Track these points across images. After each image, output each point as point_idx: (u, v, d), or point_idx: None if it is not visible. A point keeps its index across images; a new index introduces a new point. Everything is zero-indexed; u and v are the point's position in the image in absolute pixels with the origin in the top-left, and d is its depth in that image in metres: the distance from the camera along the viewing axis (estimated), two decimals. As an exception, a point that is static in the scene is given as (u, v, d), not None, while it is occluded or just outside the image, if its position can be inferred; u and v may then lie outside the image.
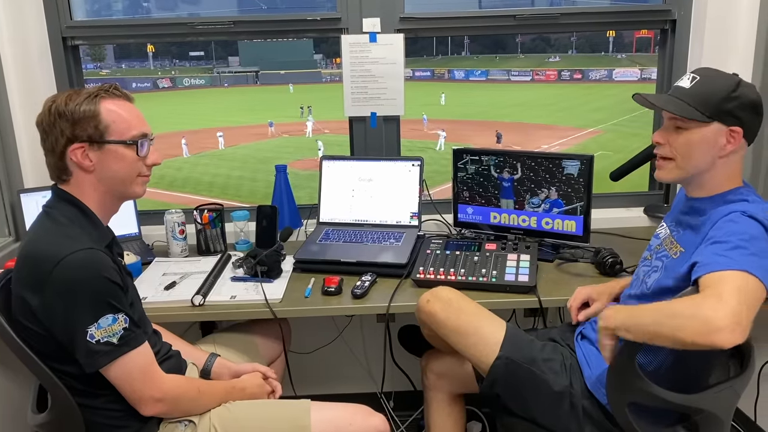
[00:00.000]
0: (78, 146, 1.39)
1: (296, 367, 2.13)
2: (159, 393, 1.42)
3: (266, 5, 2.62)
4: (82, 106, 1.38)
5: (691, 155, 1.44)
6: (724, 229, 1.34)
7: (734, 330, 1.15)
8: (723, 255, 1.27)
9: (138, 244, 2.33)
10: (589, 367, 1.60)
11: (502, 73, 28.86)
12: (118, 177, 1.45)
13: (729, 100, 1.39)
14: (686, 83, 1.45)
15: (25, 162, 2.27)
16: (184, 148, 17.05)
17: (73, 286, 1.31)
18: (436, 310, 1.72)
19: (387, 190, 2.27)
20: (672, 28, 2.44)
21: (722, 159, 1.43)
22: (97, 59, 28.80)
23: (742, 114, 1.39)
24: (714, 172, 1.45)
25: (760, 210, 1.37)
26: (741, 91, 1.39)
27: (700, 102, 1.41)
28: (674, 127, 1.45)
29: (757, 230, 1.32)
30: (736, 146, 1.41)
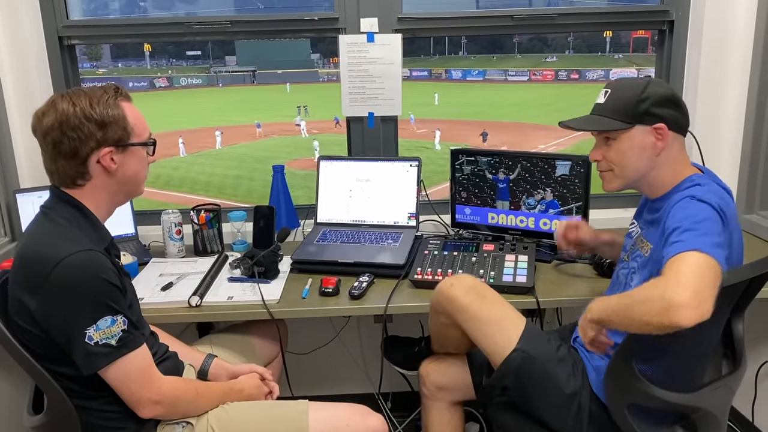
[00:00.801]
0: (107, 150, 1.39)
1: (293, 368, 2.12)
2: (157, 395, 1.42)
3: (263, 5, 2.61)
4: (111, 109, 1.38)
5: (626, 162, 1.50)
6: (675, 215, 1.37)
7: (696, 306, 1.17)
8: (676, 241, 1.29)
9: (134, 245, 2.32)
10: (593, 367, 1.60)
11: (500, 73, 28.84)
12: (134, 177, 1.47)
13: (641, 102, 1.46)
14: (601, 99, 1.53)
15: (21, 162, 2.26)
16: (181, 148, 17.01)
17: (71, 287, 1.30)
18: (459, 294, 1.66)
19: (385, 190, 2.27)
20: (670, 28, 2.44)
21: (660, 157, 1.48)
22: (94, 58, 28.71)
23: (659, 110, 1.45)
24: (658, 171, 1.50)
25: (708, 192, 1.40)
26: (649, 90, 1.46)
27: (616, 111, 1.48)
28: (603, 140, 1.53)
29: (706, 212, 1.35)
30: (665, 142, 1.46)
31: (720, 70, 2.33)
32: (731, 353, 1.55)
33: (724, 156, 2.38)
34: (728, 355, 1.56)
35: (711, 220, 1.33)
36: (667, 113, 1.46)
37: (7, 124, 2.20)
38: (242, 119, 20.16)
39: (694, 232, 1.30)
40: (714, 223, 1.33)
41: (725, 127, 2.37)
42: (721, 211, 1.35)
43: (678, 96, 1.49)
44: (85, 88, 1.42)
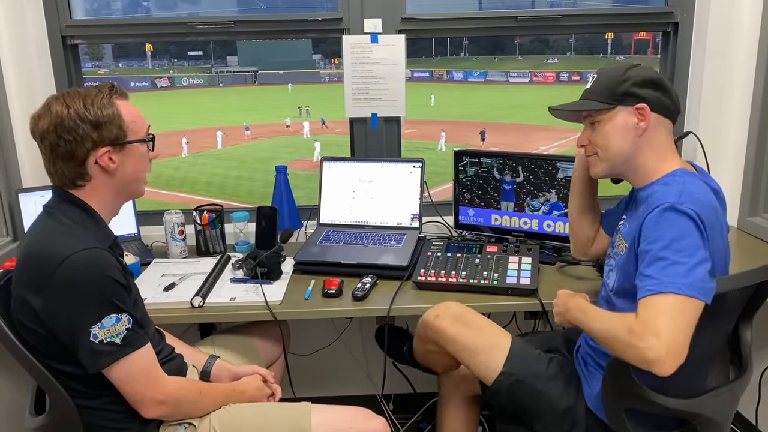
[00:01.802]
0: (105, 150, 1.38)
1: (296, 369, 2.11)
2: (161, 395, 1.41)
3: (266, 5, 2.60)
4: (105, 108, 1.37)
5: (609, 144, 1.49)
6: (650, 232, 1.34)
7: (669, 360, 1.21)
8: (649, 276, 1.29)
9: (137, 245, 2.31)
10: (589, 386, 1.58)
11: (501, 74, 28.88)
12: (134, 175, 1.46)
13: (622, 83, 1.46)
14: (589, 84, 1.54)
15: (24, 161, 2.26)
16: (185, 147, 17.02)
17: (76, 285, 1.30)
18: (445, 325, 1.70)
19: (388, 191, 2.26)
20: (674, 30, 2.43)
21: (642, 139, 1.46)
22: (96, 58, 28.75)
23: (639, 91, 1.45)
24: (641, 155, 1.48)
25: (688, 195, 1.34)
26: (632, 72, 1.46)
27: (599, 93, 1.49)
28: (589, 126, 1.53)
29: (681, 227, 1.31)
30: (648, 122, 1.45)
31: (724, 72, 2.32)
32: (738, 359, 1.54)
33: (728, 158, 2.37)
34: (735, 362, 1.54)
35: (687, 237, 1.30)
36: (649, 94, 1.45)
37: (10, 124, 2.20)
38: (243, 120, 20.16)
39: (666, 261, 1.28)
40: (691, 238, 1.30)
41: (729, 130, 2.36)
42: (699, 219, 1.31)
43: (662, 79, 1.47)
44: (80, 89, 1.41)
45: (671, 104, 1.48)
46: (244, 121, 19.80)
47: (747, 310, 1.51)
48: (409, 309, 1.86)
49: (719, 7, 2.27)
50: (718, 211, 1.42)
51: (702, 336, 1.35)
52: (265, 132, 19.15)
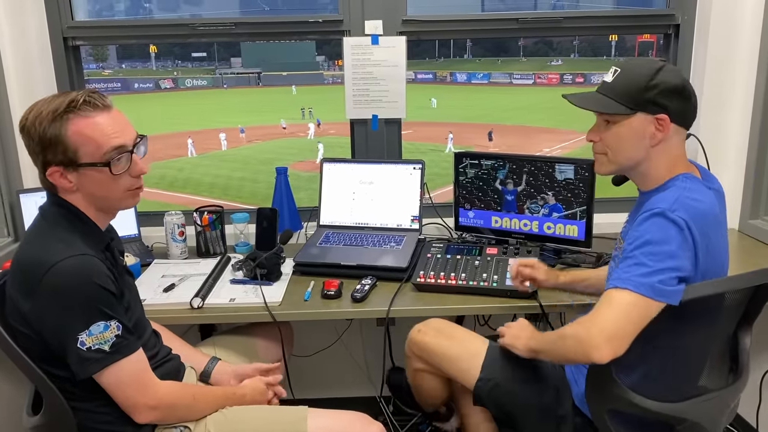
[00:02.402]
0: (54, 169, 1.35)
1: (295, 371, 2.11)
2: (153, 400, 1.41)
3: (268, 6, 2.61)
4: (48, 129, 1.31)
5: (621, 148, 1.45)
6: (632, 234, 1.37)
7: (606, 346, 1.27)
8: (616, 269, 1.36)
9: (137, 246, 2.32)
10: (577, 385, 1.59)
11: (504, 76, 28.80)
12: (101, 196, 1.40)
13: (648, 89, 1.38)
14: (609, 77, 1.46)
15: (25, 162, 2.26)
16: (190, 148, 17.06)
17: (63, 292, 1.29)
18: (428, 339, 1.74)
19: (388, 193, 2.26)
20: (675, 32, 2.43)
21: (656, 148, 1.42)
22: (100, 59, 28.78)
23: (665, 101, 1.39)
24: (651, 162, 1.45)
25: (682, 203, 1.34)
26: (660, 78, 1.38)
27: (621, 94, 1.41)
28: (604, 122, 1.47)
29: (662, 233, 1.32)
30: (666, 134, 1.40)
31: (726, 74, 2.32)
32: (735, 366, 1.52)
33: (729, 161, 2.36)
34: (733, 369, 1.53)
35: (664, 244, 1.31)
36: (674, 104, 1.39)
37: (11, 124, 2.21)
38: (248, 121, 20.18)
39: (632, 260, 1.32)
40: (668, 246, 1.31)
41: (731, 132, 2.36)
42: (687, 229, 1.31)
43: (689, 87, 1.41)
44: (54, 97, 1.35)
45: (691, 114, 1.44)
46: (248, 122, 19.81)
47: (747, 314, 1.49)
48: (409, 311, 1.86)
49: (720, 9, 2.27)
50: (717, 215, 1.42)
51: (688, 338, 1.35)
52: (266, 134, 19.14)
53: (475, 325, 2.51)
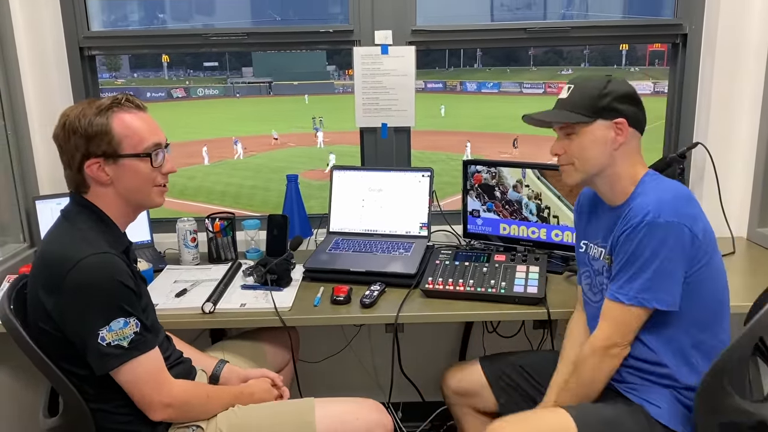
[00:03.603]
0: (94, 161, 1.41)
1: (304, 376, 2.13)
2: (168, 398, 1.44)
3: (280, 17, 2.65)
4: (94, 122, 1.39)
5: (587, 156, 1.52)
6: (625, 246, 1.45)
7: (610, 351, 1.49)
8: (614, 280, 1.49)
9: (150, 252, 2.35)
10: (653, 404, 1.52)
11: (515, 85, 28.83)
12: (134, 189, 1.47)
13: (603, 97, 1.48)
14: (564, 94, 1.55)
15: (41, 169, 2.31)
16: (205, 157, 17.20)
17: (87, 288, 1.33)
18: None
19: (397, 200, 2.28)
20: (683, 42, 2.44)
21: (618, 151, 1.50)
22: (113, 69, 29.08)
23: (620, 106, 1.48)
24: (616, 167, 1.52)
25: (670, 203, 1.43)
26: (611, 87, 1.49)
27: (578, 106, 1.50)
28: (566, 135, 1.54)
29: (653, 241, 1.40)
30: (625, 137, 1.49)
31: (733, 83, 2.33)
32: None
33: (737, 169, 2.37)
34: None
35: (663, 249, 1.40)
36: (628, 109, 1.49)
37: (28, 132, 2.25)
38: (259, 130, 20.30)
39: (627, 273, 1.45)
40: (667, 252, 1.40)
41: (738, 140, 2.36)
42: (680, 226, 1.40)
43: (637, 94, 1.51)
44: (93, 100, 1.45)
45: (643, 119, 1.53)
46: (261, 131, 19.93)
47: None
48: (417, 317, 1.88)
49: (728, 18, 2.28)
50: (690, 196, 1.49)
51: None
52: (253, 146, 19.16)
53: (483, 333, 2.53)
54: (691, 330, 1.49)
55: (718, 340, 1.51)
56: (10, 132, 2.20)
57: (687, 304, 1.45)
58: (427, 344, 2.61)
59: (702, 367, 1.48)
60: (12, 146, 2.22)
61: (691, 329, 1.49)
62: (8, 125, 2.20)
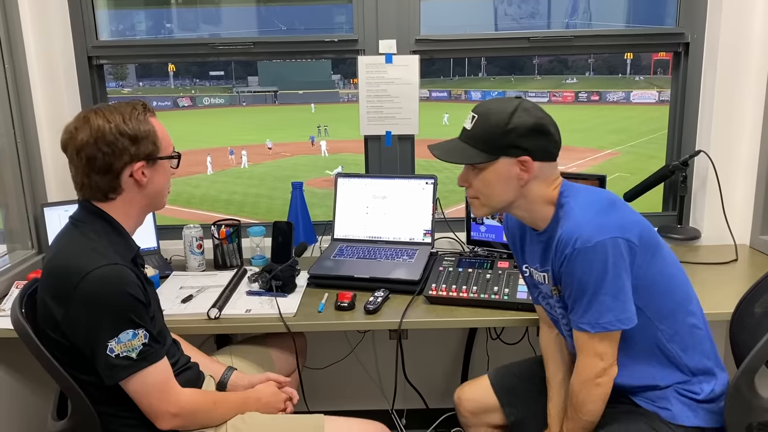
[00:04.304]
0: (140, 164, 1.44)
1: (309, 383, 2.14)
2: (175, 408, 1.45)
3: (285, 26, 2.68)
4: (142, 124, 1.44)
5: (491, 193, 1.47)
6: (571, 273, 1.41)
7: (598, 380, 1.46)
8: (573, 313, 1.45)
9: (156, 258, 2.37)
10: (663, 409, 1.53)
11: (519, 94, 28.90)
12: (160, 191, 1.52)
13: (505, 135, 1.40)
14: (468, 124, 1.46)
15: (49, 176, 2.33)
16: (209, 167, 17.28)
17: (96, 300, 1.34)
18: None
19: (401, 207, 2.30)
20: (685, 50, 2.46)
21: (526, 187, 1.45)
22: (120, 78, 29.29)
23: (524, 142, 1.40)
24: (525, 199, 1.47)
25: (594, 218, 1.40)
26: (515, 121, 1.40)
27: (481, 142, 1.43)
28: (471, 168, 1.48)
29: (599, 262, 1.36)
30: (531, 173, 1.43)
31: (735, 92, 2.34)
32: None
33: (739, 177, 2.38)
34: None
35: (606, 270, 1.36)
36: (533, 144, 1.41)
37: (37, 140, 2.28)
38: (264, 138, 20.39)
39: (581, 303, 1.41)
40: (612, 270, 1.36)
41: (741, 148, 2.37)
42: (622, 238, 1.37)
43: (544, 123, 1.43)
44: (114, 104, 1.47)
45: (554, 148, 1.45)
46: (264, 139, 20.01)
47: None
48: (421, 323, 1.89)
49: (729, 27, 2.30)
50: (611, 200, 1.47)
51: None
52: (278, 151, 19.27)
53: (487, 340, 2.54)
54: (660, 326, 1.46)
55: (688, 324, 1.50)
56: (19, 139, 2.24)
57: (646, 304, 1.44)
58: (431, 351, 2.62)
59: (685, 357, 1.49)
60: (21, 153, 2.25)
61: (660, 325, 1.47)
62: (17, 133, 2.23)
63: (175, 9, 2.70)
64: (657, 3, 2.62)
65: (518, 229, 1.64)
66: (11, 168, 2.24)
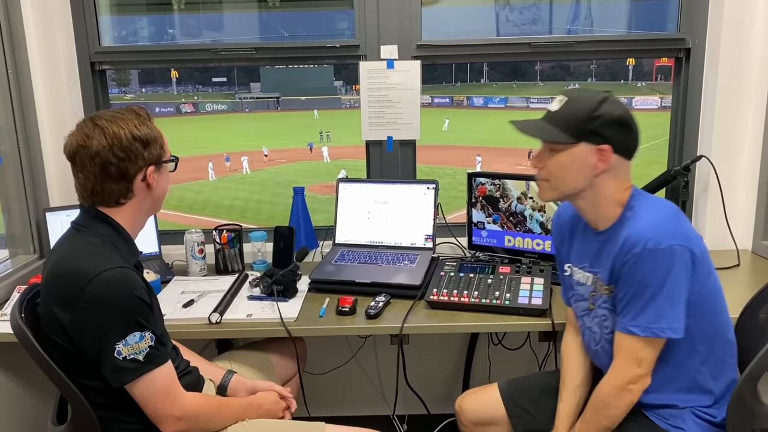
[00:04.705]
0: (152, 168, 1.46)
1: (310, 388, 2.14)
2: (180, 411, 1.44)
3: (287, 33, 2.68)
4: (151, 129, 1.47)
5: (563, 176, 1.46)
6: (630, 276, 1.40)
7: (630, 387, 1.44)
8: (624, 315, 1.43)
9: (158, 263, 2.37)
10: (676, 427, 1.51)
11: (521, 100, 28.88)
12: (164, 192, 1.55)
13: (591, 120, 1.40)
14: (555, 106, 1.46)
15: (52, 181, 2.34)
16: (211, 173, 17.32)
17: (104, 303, 1.34)
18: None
19: (402, 212, 2.30)
20: (686, 56, 2.47)
21: (598, 177, 1.44)
22: (122, 84, 29.34)
23: (608, 132, 1.40)
24: (595, 191, 1.46)
25: (664, 224, 1.39)
26: (603, 109, 1.40)
27: (565, 124, 1.43)
28: (548, 150, 1.47)
29: (664, 265, 1.36)
30: (607, 164, 1.42)
31: (737, 97, 2.34)
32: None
33: (741, 182, 2.38)
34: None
35: (669, 275, 1.35)
36: (615, 135, 1.41)
37: (40, 145, 2.29)
38: (267, 144, 20.42)
39: (637, 304, 1.40)
40: (674, 276, 1.35)
41: (742, 153, 2.37)
42: (688, 248, 1.36)
43: (630, 119, 1.44)
44: (117, 111, 1.47)
45: (633, 145, 1.46)
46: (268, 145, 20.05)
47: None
48: (422, 327, 1.89)
49: (731, 32, 2.30)
50: (679, 212, 1.46)
51: None
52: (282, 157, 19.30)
53: (489, 345, 2.53)
54: (698, 347, 1.46)
55: (723, 350, 1.50)
56: (21, 144, 2.24)
57: (692, 321, 1.42)
58: (432, 357, 2.62)
59: (712, 382, 1.48)
60: (23, 158, 2.26)
61: (699, 346, 1.46)
62: (20, 138, 2.24)
63: (178, 15, 2.71)
64: (658, 9, 2.63)
65: (569, 226, 1.64)
66: (14, 173, 2.25)
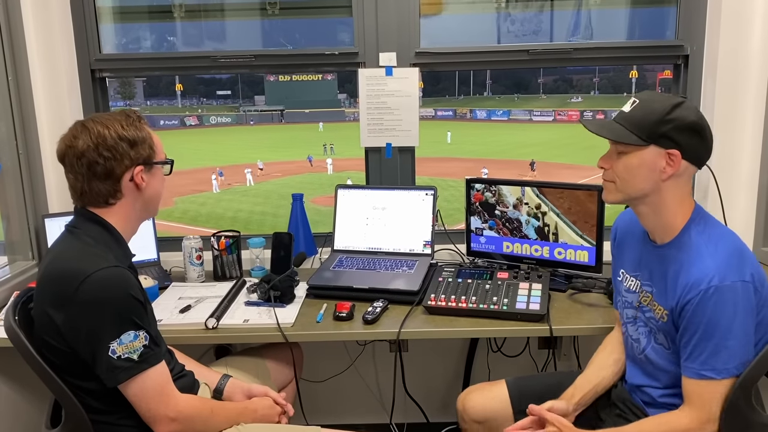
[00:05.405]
0: (139, 168, 1.47)
1: (308, 396, 2.13)
2: (173, 412, 1.44)
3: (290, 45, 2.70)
4: (139, 130, 1.47)
5: (630, 179, 1.44)
6: (696, 317, 1.36)
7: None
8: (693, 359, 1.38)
9: (156, 270, 2.37)
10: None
11: (524, 113, 28.99)
12: (157, 194, 1.55)
13: (664, 123, 1.38)
14: (627, 108, 1.45)
15: (51, 187, 2.34)
16: (215, 184, 17.37)
17: (98, 302, 1.35)
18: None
19: (401, 218, 2.30)
20: (685, 63, 2.47)
21: (665, 183, 1.42)
22: (127, 97, 29.56)
23: (679, 136, 1.38)
24: (660, 196, 1.44)
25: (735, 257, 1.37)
26: (676, 113, 1.38)
27: (636, 125, 1.41)
28: (616, 151, 1.46)
29: (733, 304, 1.33)
30: (676, 169, 1.40)
31: (735, 103, 2.34)
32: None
33: (741, 189, 2.37)
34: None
35: (736, 313, 1.33)
36: (686, 141, 1.38)
37: (39, 152, 2.30)
38: (271, 157, 20.51)
39: (706, 347, 1.35)
40: (741, 314, 1.33)
41: (742, 161, 2.36)
42: (753, 280, 1.35)
43: (704, 125, 1.40)
44: (108, 114, 1.51)
45: (704, 153, 1.43)
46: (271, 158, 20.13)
47: None
48: (419, 333, 1.88)
49: (729, 39, 2.30)
50: (739, 242, 1.44)
51: None
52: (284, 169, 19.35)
53: (488, 352, 2.52)
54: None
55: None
56: (21, 151, 2.25)
57: None
58: (431, 364, 2.60)
59: None
60: (23, 165, 2.26)
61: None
62: (20, 144, 2.25)
63: (179, 23, 2.72)
64: (657, 19, 2.63)
65: (628, 232, 1.65)
66: (13, 179, 2.25)
